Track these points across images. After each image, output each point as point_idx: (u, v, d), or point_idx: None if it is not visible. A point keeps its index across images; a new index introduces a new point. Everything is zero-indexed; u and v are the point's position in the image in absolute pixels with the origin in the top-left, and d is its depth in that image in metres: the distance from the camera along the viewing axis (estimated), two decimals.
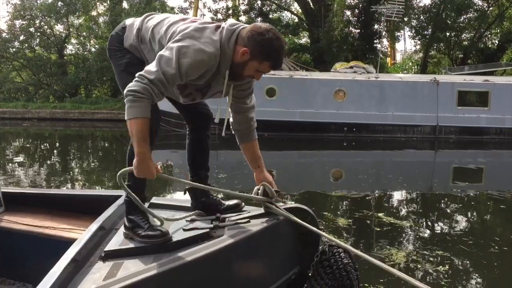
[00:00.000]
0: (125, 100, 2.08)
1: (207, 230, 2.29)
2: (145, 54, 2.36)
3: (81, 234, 2.42)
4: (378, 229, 5.67)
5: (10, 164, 10.90)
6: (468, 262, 4.71)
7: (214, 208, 2.55)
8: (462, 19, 26.79)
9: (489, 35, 28.62)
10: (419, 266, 4.42)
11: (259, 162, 2.58)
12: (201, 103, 2.59)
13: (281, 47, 2.20)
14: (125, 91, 2.09)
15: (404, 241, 5.35)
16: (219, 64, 2.18)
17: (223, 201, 2.60)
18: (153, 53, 2.27)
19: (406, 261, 4.51)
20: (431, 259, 4.64)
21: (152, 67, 2.10)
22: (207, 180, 2.66)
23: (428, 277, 4.18)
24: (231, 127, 2.56)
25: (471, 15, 26.68)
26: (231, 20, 2.31)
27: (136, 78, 2.08)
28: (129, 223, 2.29)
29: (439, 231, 5.93)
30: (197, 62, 2.10)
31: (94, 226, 2.42)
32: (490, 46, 28.34)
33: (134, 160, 2.11)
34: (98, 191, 5.18)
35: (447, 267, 4.42)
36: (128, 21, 2.46)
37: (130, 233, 2.27)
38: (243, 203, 2.61)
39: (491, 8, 26.57)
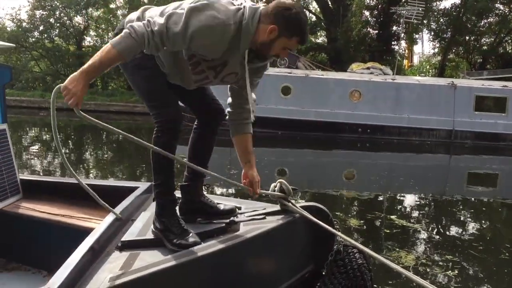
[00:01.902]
0: (123, 32, 2.01)
1: (223, 225, 2.30)
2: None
3: (98, 224, 2.44)
4: (389, 231, 5.64)
5: (27, 152, 11.05)
6: (477, 268, 4.67)
7: (209, 211, 2.46)
8: (482, 23, 26.48)
9: (509, 40, 28.22)
10: (428, 269, 4.40)
11: (250, 157, 2.47)
12: (211, 97, 2.51)
13: (307, 21, 2.21)
14: (127, 25, 2.03)
15: (414, 244, 5.33)
16: (239, 41, 2.13)
17: (218, 206, 2.50)
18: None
19: (416, 264, 4.49)
20: (440, 263, 4.61)
21: (160, 19, 2.03)
22: (203, 179, 2.55)
23: (437, 281, 4.16)
24: (227, 118, 2.49)
25: (492, 19, 26.35)
26: (248, 0, 2.22)
27: (144, 21, 2.03)
28: (161, 225, 2.20)
29: (449, 236, 5.88)
30: (207, 28, 2.01)
31: (111, 216, 2.43)
32: (510, 51, 27.96)
33: (74, 74, 2.08)
34: (115, 181, 5.23)
35: (456, 271, 4.40)
36: (126, 19, 2.32)
37: (161, 235, 2.17)
38: (237, 210, 2.52)
39: None
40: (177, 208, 2.35)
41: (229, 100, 2.47)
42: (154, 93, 2.25)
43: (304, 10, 2.24)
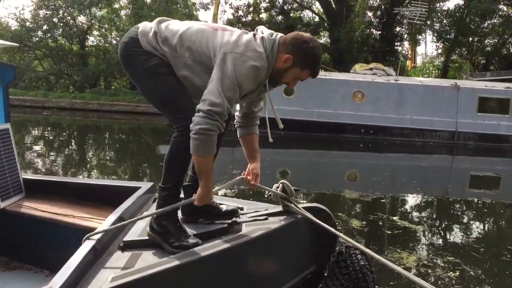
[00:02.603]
0: (194, 137, 2.05)
1: (225, 225, 2.30)
2: (168, 58, 2.24)
3: (100, 224, 2.44)
4: (391, 232, 5.64)
5: (29, 152, 11.07)
6: (479, 269, 4.66)
7: (211, 212, 2.47)
8: (486, 24, 26.38)
9: None
10: (429, 271, 4.39)
11: (256, 154, 2.55)
12: None
13: (321, 56, 2.30)
14: (195, 129, 2.04)
15: (416, 245, 5.32)
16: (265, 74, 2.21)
17: (220, 206, 2.51)
18: (178, 59, 2.21)
19: (417, 266, 4.48)
20: (442, 264, 4.60)
21: (215, 96, 2.06)
22: None
23: (438, 283, 4.15)
24: (235, 121, 2.58)
25: (496, 20, 26.26)
26: (263, 28, 2.30)
27: (204, 115, 2.04)
28: (160, 228, 2.17)
29: (451, 237, 5.87)
30: (253, 79, 2.14)
31: (113, 216, 2.43)
32: None
33: (200, 191, 2.20)
34: (118, 181, 5.23)
35: (457, 273, 4.39)
36: (140, 26, 2.32)
37: (158, 238, 2.15)
38: (239, 210, 2.55)
39: None
40: (179, 210, 2.35)
41: (238, 108, 2.57)
42: (174, 98, 2.23)
43: (320, 45, 2.31)
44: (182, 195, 2.41)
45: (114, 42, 30.63)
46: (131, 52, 2.27)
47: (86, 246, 2.04)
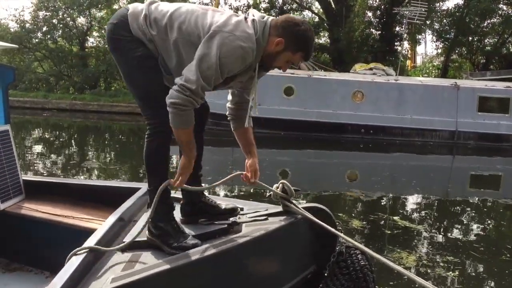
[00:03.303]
0: (169, 110, 2.08)
1: (225, 226, 2.30)
2: (156, 42, 2.20)
3: (100, 225, 2.44)
4: (391, 232, 5.64)
5: (29, 153, 11.07)
6: (478, 268, 4.67)
7: (211, 211, 2.46)
8: (485, 24, 26.37)
9: None
10: (429, 270, 4.40)
11: (252, 148, 2.49)
12: None
13: (313, 39, 2.26)
14: (168, 102, 2.07)
15: (416, 245, 5.32)
16: (254, 57, 2.16)
17: (220, 206, 2.50)
18: (167, 42, 2.18)
19: (417, 265, 4.48)
20: (441, 264, 4.60)
21: (191, 73, 2.05)
22: (200, 179, 2.54)
23: (439, 282, 4.15)
24: (227, 113, 2.53)
25: (495, 20, 26.25)
26: (255, 11, 2.27)
27: (178, 89, 2.06)
28: (157, 230, 2.16)
29: (451, 237, 5.87)
30: (239, 60, 2.09)
31: (113, 217, 2.43)
32: None
33: (182, 160, 2.20)
34: (117, 182, 5.26)
35: (457, 272, 4.40)
36: (131, 7, 2.28)
37: (157, 240, 2.15)
38: (239, 209, 2.54)
39: None
40: (178, 210, 2.34)
41: (230, 98, 2.51)
42: (152, 95, 2.21)
43: (312, 28, 2.28)
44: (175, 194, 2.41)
45: None
46: (119, 37, 2.23)
47: (86, 247, 2.04)
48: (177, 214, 2.37)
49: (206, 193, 2.58)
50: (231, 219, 2.39)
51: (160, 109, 2.14)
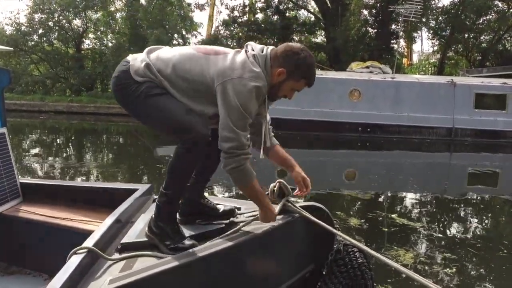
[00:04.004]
0: (231, 176, 2.16)
1: (223, 226, 2.30)
2: (165, 86, 2.18)
3: (97, 226, 2.44)
4: (389, 229, 5.65)
5: (27, 156, 11.05)
6: (476, 265, 4.68)
7: (211, 213, 2.48)
8: (481, 21, 26.45)
9: (509, 38, 28.18)
10: (426, 267, 4.40)
11: (290, 161, 2.54)
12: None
13: (314, 64, 2.30)
14: (226, 170, 2.14)
15: (413, 242, 5.33)
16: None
17: (218, 207, 2.52)
18: (175, 88, 2.17)
19: (414, 262, 4.49)
20: (438, 261, 4.61)
21: (228, 131, 2.09)
22: (207, 182, 2.56)
23: (436, 279, 4.16)
24: (251, 145, 2.48)
25: (491, 16, 26.33)
26: (253, 44, 2.28)
27: (227, 156, 2.12)
28: (157, 229, 2.17)
29: (449, 234, 5.88)
30: (257, 98, 2.14)
31: (110, 218, 2.43)
32: (509, 48, 27.90)
33: (260, 213, 2.29)
34: (115, 184, 5.24)
35: (454, 269, 4.41)
36: (131, 59, 2.27)
37: (156, 239, 2.16)
38: (237, 210, 2.55)
39: (511, 10, 26.15)
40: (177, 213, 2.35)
41: (266, 132, 2.49)
42: (175, 118, 2.13)
43: (312, 53, 2.31)
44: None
45: (110, 44, 30.65)
46: (124, 85, 2.21)
47: (83, 249, 2.03)
48: (176, 216, 2.37)
49: (206, 194, 2.59)
50: (229, 219, 2.39)
51: (191, 130, 2.09)
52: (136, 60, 2.24)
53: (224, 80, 2.10)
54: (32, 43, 29.81)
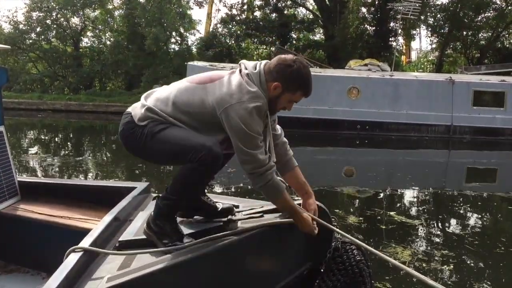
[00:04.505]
0: (263, 193, 2.23)
1: (221, 223, 2.30)
2: (170, 121, 2.19)
3: (95, 225, 2.44)
4: (388, 227, 5.66)
5: (25, 154, 11.04)
6: (473, 262, 4.69)
7: (209, 211, 2.47)
8: (479, 18, 26.45)
9: (507, 35, 28.20)
10: (424, 264, 4.41)
11: (306, 188, 2.49)
12: None
13: (310, 74, 2.27)
14: (257, 188, 2.19)
15: (411, 240, 5.34)
16: None
17: (216, 204, 2.51)
18: (182, 121, 2.19)
19: (412, 260, 4.49)
20: (436, 258, 4.62)
21: (244, 155, 2.13)
22: (208, 181, 2.53)
23: (432, 276, 4.17)
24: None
25: (489, 14, 26.32)
26: (246, 62, 2.29)
27: (251, 177, 2.17)
28: (156, 227, 2.17)
29: (447, 231, 5.89)
30: (259, 117, 2.14)
31: (108, 216, 2.43)
32: (507, 46, 27.93)
33: (299, 224, 2.27)
34: (113, 182, 5.26)
35: (451, 266, 4.42)
36: (131, 110, 2.29)
37: (154, 236, 2.16)
38: (235, 208, 2.54)
39: (509, 8, 26.14)
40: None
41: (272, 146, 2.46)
42: (185, 144, 2.11)
43: (306, 62, 2.31)
44: None
45: (108, 43, 30.60)
46: (129, 135, 2.24)
47: (81, 247, 2.03)
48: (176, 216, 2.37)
49: (205, 191, 2.59)
50: (227, 217, 2.39)
51: (203, 148, 2.06)
52: (136, 108, 2.28)
53: (224, 107, 2.11)
54: (30, 41, 29.76)
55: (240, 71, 2.23)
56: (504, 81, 15.77)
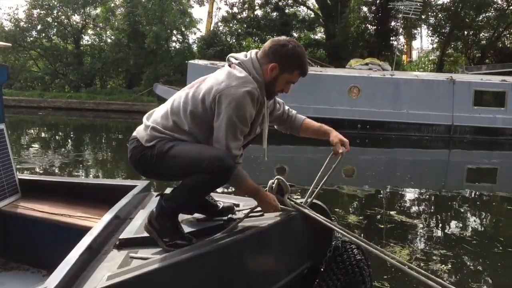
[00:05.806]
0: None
1: (221, 222, 2.31)
2: (176, 137, 2.20)
3: (96, 223, 2.44)
4: (388, 226, 5.66)
5: (25, 152, 11.04)
6: (472, 261, 4.70)
7: (210, 209, 2.48)
8: (481, 18, 26.41)
9: (508, 35, 28.15)
10: (422, 264, 4.41)
11: (323, 128, 2.66)
12: None
13: (305, 53, 2.30)
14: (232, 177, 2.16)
15: (411, 239, 5.35)
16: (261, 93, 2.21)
17: (217, 203, 2.52)
18: (187, 130, 2.20)
19: (410, 259, 4.49)
20: (434, 257, 4.62)
21: (223, 139, 2.10)
22: None
23: (431, 275, 4.16)
24: (279, 128, 2.70)
25: (490, 14, 26.28)
26: (234, 54, 2.29)
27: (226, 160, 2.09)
28: (158, 225, 2.16)
29: (446, 230, 5.89)
30: (250, 103, 2.11)
31: (109, 215, 2.43)
32: (508, 45, 27.87)
33: (262, 206, 2.34)
34: (113, 180, 5.25)
35: (449, 265, 4.42)
36: (136, 134, 2.30)
37: (155, 233, 2.15)
38: (235, 207, 2.56)
39: (511, 8, 26.11)
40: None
41: (266, 135, 2.47)
42: (195, 158, 2.11)
43: (299, 43, 2.32)
44: None
45: (109, 40, 30.58)
46: (139, 159, 2.24)
47: (82, 245, 2.03)
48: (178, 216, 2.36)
49: None
50: (227, 216, 2.39)
51: (216, 159, 2.06)
52: (140, 131, 2.29)
53: (213, 95, 2.11)
54: (31, 39, 29.74)
55: (230, 64, 2.24)
56: (505, 81, 15.75)
